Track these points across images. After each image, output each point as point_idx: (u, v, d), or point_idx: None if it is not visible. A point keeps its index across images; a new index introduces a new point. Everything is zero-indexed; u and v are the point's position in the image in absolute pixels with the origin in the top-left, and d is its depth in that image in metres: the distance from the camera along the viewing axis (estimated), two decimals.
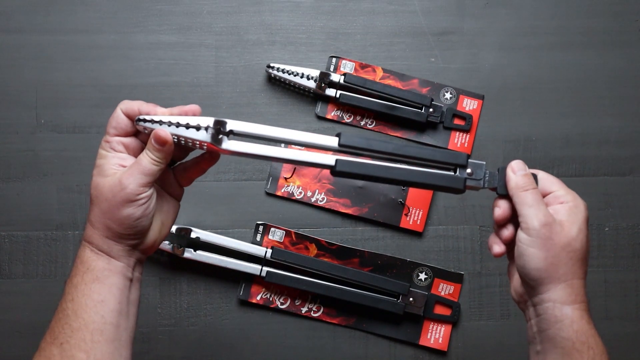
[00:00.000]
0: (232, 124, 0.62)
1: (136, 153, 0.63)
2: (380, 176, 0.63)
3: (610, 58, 0.94)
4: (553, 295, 0.59)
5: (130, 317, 0.62)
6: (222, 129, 0.62)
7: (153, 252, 0.65)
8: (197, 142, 0.61)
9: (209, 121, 0.61)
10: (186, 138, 0.61)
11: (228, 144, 0.62)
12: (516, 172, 0.63)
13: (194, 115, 0.63)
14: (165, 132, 0.61)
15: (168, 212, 0.65)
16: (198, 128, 0.61)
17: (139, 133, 0.63)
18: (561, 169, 0.93)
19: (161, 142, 0.61)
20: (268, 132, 0.63)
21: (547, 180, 0.64)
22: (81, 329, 0.59)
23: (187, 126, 0.61)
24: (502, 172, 0.64)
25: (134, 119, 0.62)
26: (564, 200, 0.62)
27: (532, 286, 0.61)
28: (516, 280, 0.64)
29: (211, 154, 0.65)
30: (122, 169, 0.61)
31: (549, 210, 0.61)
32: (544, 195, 0.63)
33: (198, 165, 0.66)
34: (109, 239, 0.61)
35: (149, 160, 0.61)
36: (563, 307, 0.59)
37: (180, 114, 0.63)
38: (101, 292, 0.60)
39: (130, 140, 0.63)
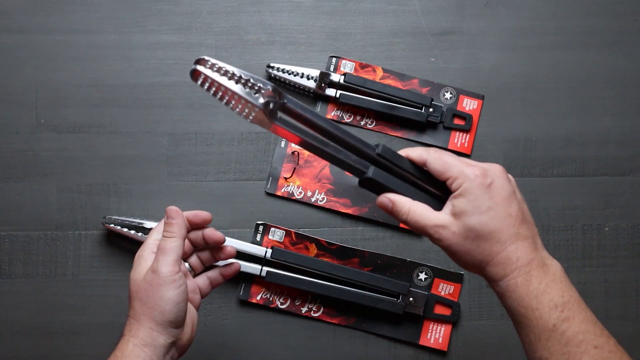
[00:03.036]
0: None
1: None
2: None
3: (610, 58, 0.94)
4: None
5: None
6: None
7: (184, 353, 0.70)
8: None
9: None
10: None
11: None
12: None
13: (204, 221, 0.74)
14: (174, 208, 0.70)
15: (193, 316, 0.71)
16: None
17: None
18: (561, 169, 0.93)
19: (172, 215, 0.69)
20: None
21: (435, 165, 0.64)
22: None
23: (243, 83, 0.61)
24: None
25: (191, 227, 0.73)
26: (451, 184, 0.62)
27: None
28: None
29: (230, 268, 0.78)
30: None
31: (451, 205, 0.62)
32: (444, 180, 0.63)
33: (219, 275, 0.77)
34: (153, 330, 0.65)
35: (165, 239, 0.68)
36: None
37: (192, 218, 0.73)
38: None
39: None
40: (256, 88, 0.61)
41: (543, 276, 0.59)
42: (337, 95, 0.92)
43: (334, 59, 0.93)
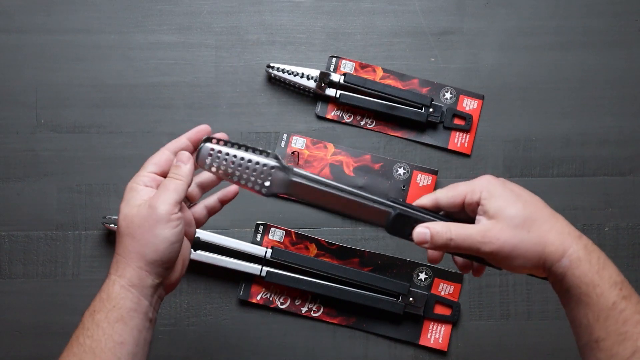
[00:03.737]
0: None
1: None
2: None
3: (610, 58, 0.94)
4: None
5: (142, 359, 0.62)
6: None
7: (172, 290, 0.66)
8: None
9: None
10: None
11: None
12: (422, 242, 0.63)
13: (206, 133, 0.67)
14: (187, 153, 0.65)
15: (185, 252, 0.66)
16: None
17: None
18: (561, 169, 0.93)
19: (183, 159, 0.64)
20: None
21: (447, 194, 0.64)
22: None
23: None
24: None
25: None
26: (471, 200, 0.62)
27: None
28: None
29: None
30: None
31: (479, 223, 0.61)
32: (467, 206, 0.63)
33: (217, 202, 0.71)
34: (142, 269, 0.61)
35: (171, 179, 0.63)
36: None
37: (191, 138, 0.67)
38: (123, 334, 0.60)
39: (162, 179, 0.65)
40: (262, 165, 0.64)
41: (599, 252, 0.59)
42: (337, 95, 0.92)
43: (334, 59, 0.93)
